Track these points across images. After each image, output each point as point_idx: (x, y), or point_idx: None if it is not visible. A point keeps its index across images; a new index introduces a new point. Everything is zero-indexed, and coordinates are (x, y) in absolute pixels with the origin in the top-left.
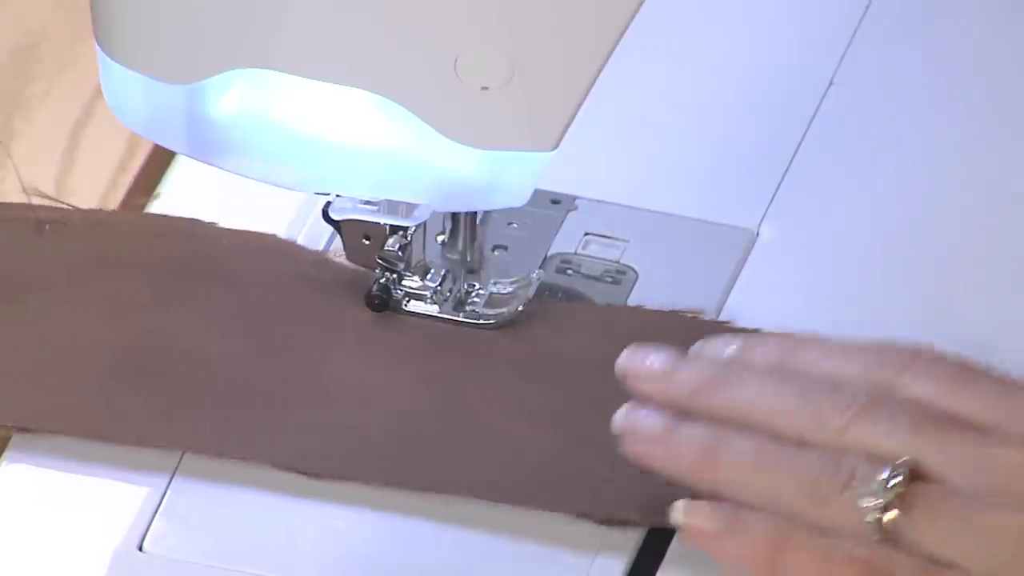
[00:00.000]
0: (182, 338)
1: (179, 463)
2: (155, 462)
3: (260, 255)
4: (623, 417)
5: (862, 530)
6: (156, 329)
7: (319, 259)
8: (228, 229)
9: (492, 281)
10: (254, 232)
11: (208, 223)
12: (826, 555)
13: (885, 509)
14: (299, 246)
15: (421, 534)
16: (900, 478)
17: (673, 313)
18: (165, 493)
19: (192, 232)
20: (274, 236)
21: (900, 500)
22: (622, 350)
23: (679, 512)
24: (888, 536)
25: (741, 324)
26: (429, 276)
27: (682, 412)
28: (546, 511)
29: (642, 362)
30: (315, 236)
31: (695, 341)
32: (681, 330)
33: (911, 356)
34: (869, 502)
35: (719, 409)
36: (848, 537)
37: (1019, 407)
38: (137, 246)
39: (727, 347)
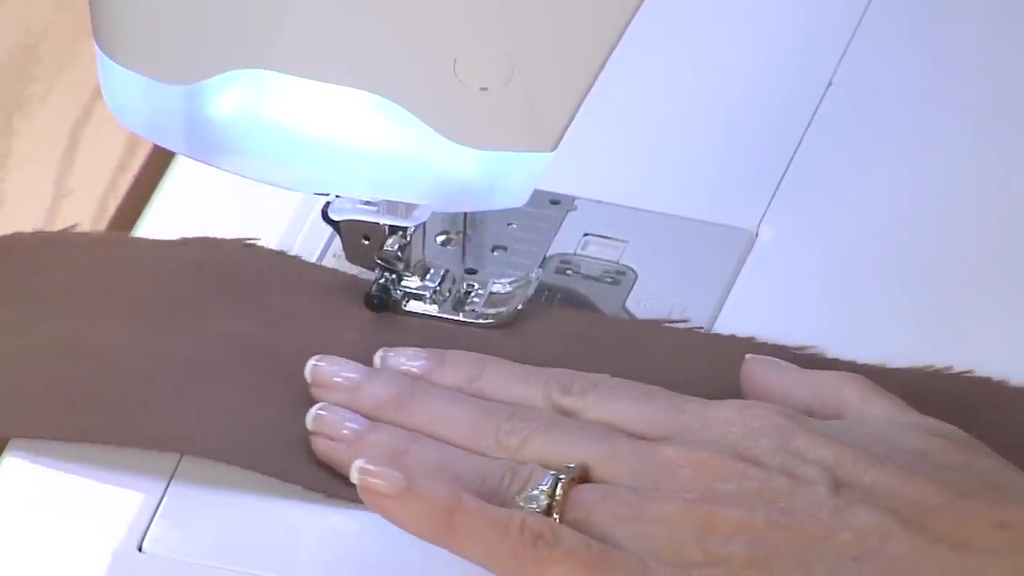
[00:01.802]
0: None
1: (179, 464)
2: (155, 463)
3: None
4: (313, 417)
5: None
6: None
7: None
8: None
9: (491, 280)
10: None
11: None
12: (500, 524)
13: (550, 511)
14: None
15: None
16: (563, 481)
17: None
18: (164, 493)
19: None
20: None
21: (563, 502)
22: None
23: (356, 472)
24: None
25: (742, 325)
26: (428, 276)
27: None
28: None
29: (328, 375)
30: (314, 236)
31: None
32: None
33: (592, 383)
34: (534, 505)
35: (403, 425)
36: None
37: (688, 421)
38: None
39: (414, 362)
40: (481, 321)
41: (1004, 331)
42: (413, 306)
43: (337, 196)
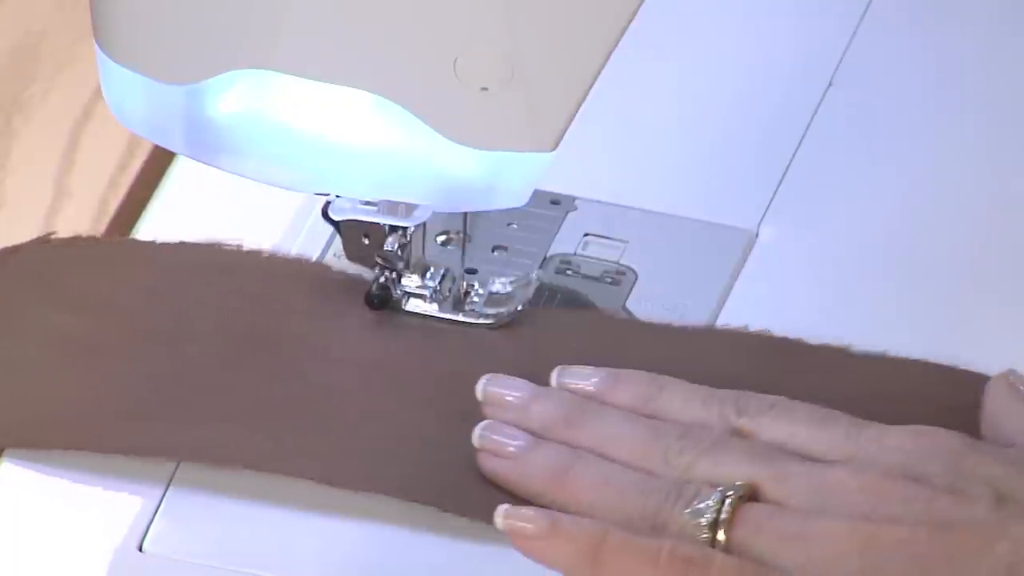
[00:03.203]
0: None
1: (179, 464)
2: (155, 463)
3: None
4: (480, 434)
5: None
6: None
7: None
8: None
9: (491, 280)
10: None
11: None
12: (648, 555)
13: (716, 527)
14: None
15: (421, 536)
16: (732, 498)
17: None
18: (165, 493)
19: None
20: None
21: (730, 518)
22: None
23: (500, 516)
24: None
25: (742, 325)
26: (428, 275)
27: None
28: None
29: (501, 393)
30: (315, 236)
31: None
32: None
33: (768, 404)
34: (700, 520)
35: (571, 444)
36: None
37: (864, 446)
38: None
39: (588, 381)
40: (481, 321)
41: (1006, 331)
42: (413, 305)
43: (337, 196)
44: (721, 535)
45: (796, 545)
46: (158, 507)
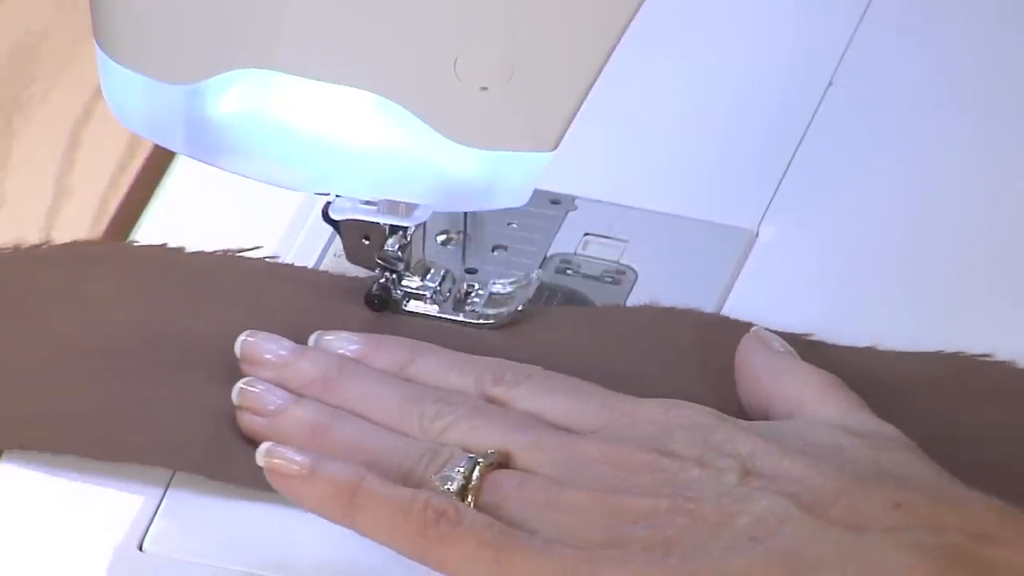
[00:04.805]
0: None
1: None
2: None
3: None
4: (240, 391)
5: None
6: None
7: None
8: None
9: (491, 281)
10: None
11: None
12: (402, 504)
13: (464, 493)
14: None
15: None
16: (482, 465)
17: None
18: (165, 493)
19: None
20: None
21: (479, 485)
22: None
23: (262, 455)
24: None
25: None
26: (429, 276)
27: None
28: None
29: (259, 350)
30: (314, 236)
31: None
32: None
33: (526, 374)
34: (448, 485)
35: (329, 404)
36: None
37: (616, 418)
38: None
39: (349, 344)
40: (481, 321)
41: (1006, 331)
42: (413, 306)
43: (337, 196)
44: (470, 500)
45: (544, 513)
46: (158, 506)
